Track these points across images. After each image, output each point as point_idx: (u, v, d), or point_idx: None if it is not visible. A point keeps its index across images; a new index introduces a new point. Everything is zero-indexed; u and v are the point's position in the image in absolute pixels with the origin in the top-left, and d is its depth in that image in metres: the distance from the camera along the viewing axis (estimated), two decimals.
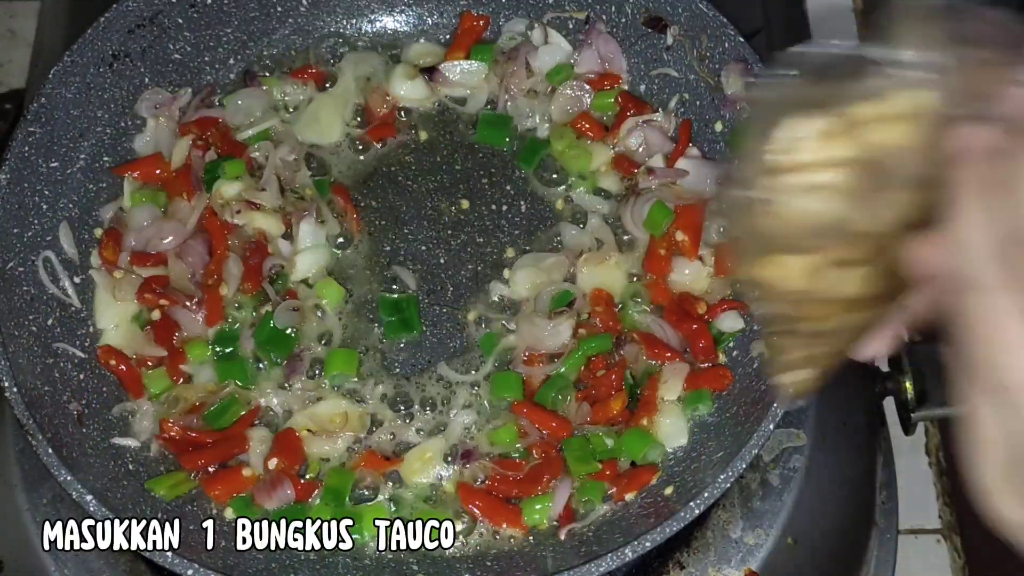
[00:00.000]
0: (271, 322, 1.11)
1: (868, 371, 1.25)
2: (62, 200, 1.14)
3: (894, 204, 0.69)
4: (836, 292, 0.73)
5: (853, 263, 0.71)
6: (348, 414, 1.09)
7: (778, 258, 0.72)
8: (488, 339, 1.13)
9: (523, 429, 1.08)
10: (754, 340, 1.09)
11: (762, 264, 0.73)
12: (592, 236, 1.19)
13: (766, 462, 1.14)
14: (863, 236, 0.70)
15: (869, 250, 0.71)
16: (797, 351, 0.80)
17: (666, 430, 1.08)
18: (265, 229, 1.17)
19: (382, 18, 1.31)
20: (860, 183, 0.68)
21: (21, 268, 1.09)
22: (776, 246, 0.72)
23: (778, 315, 0.77)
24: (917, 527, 1.47)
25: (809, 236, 0.70)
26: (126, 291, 1.12)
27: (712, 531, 1.11)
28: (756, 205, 0.70)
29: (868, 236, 0.70)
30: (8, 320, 1.04)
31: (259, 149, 1.21)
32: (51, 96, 1.12)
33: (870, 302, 0.74)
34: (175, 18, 1.21)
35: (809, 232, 0.70)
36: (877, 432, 1.24)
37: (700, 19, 1.17)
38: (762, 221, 0.71)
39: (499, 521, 1.04)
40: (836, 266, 0.71)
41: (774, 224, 0.70)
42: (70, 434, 1.02)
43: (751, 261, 0.73)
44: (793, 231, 0.70)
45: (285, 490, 1.04)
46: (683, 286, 1.15)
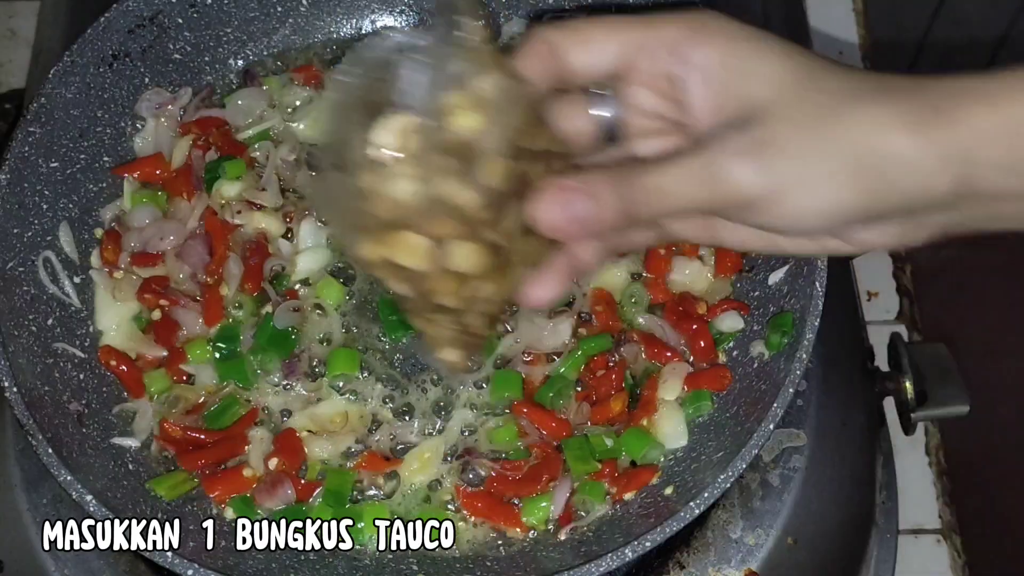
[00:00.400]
0: (272, 323, 1.11)
1: (868, 371, 1.25)
2: (62, 200, 1.14)
3: (490, 177, 0.76)
4: (454, 266, 0.79)
5: (463, 238, 0.78)
6: (349, 414, 1.10)
7: (390, 237, 0.78)
8: None
9: (523, 429, 1.08)
10: (754, 340, 1.10)
11: (375, 245, 0.79)
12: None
13: (766, 462, 1.14)
14: (465, 212, 0.76)
15: (476, 225, 0.77)
16: (441, 327, 0.86)
17: (666, 430, 1.08)
18: (266, 229, 1.17)
19: (382, 18, 1.31)
20: (451, 164, 0.75)
21: (21, 268, 1.09)
22: (385, 227, 0.78)
23: (407, 293, 0.83)
24: (917, 527, 1.47)
25: (413, 217, 0.76)
26: (126, 291, 1.13)
27: (712, 531, 1.11)
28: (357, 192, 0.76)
29: (470, 211, 0.76)
30: (8, 320, 1.04)
31: (259, 149, 1.21)
32: (51, 96, 1.12)
33: (490, 274, 0.81)
34: (175, 18, 1.21)
35: (412, 213, 0.76)
36: (877, 432, 1.24)
37: None
38: (366, 206, 0.76)
39: (499, 521, 1.04)
40: (447, 242, 0.78)
41: (378, 208, 0.76)
42: (70, 434, 1.02)
43: (363, 243, 0.79)
44: (397, 213, 0.76)
45: (285, 490, 1.04)
46: (683, 286, 1.15)
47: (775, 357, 1.05)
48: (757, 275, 1.13)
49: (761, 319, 1.10)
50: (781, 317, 1.07)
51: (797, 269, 1.08)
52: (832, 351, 1.21)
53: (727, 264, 1.14)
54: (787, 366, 1.01)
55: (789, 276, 1.09)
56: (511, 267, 0.83)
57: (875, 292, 1.70)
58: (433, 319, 0.86)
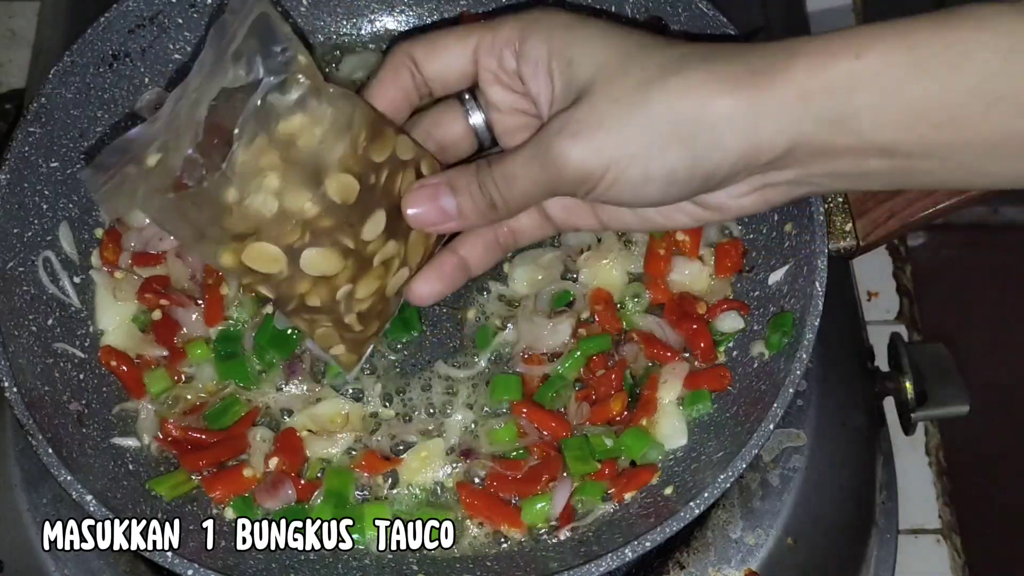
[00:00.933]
0: (272, 323, 1.11)
1: (868, 371, 1.25)
2: (62, 200, 1.14)
3: (332, 188, 0.84)
4: (308, 271, 0.87)
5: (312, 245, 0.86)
6: (349, 414, 1.10)
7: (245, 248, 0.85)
8: (483, 332, 1.13)
9: (523, 429, 1.08)
10: (754, 340, 1.10)
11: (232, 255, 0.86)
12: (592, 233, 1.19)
13: (766, 462, 1.14)
14: (310, 221, 0.84)
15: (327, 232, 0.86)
16: (320, 326, 0.94)
17: (666, 430, 1.08)
18: None
19: (382, 18, 1.31)
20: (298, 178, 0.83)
21: (21, 268, 1.09)
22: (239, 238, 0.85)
23: (275, 295, 0.91)
24: (917, 527, 1.47)
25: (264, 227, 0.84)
26: (126, 291, 1.13)
27: (712, 531, 1.11)
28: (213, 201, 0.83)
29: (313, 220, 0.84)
30: (8, 320, 1.04)
31: None
32: (51, 96, 1.12)
33: (351, 276, 0.89)
34: (175, 18, 1.21)
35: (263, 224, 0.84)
36: (877, 432, 1.24)
37: (700, 19, 1.17)
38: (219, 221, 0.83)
39: (499, 521, 1.04)
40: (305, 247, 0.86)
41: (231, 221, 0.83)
42: (70, 434, 1.02)
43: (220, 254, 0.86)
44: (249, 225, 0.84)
45: (286, 490, 1.04)
46: (683, 286, 1.15)
47: (775, 357, 1.05)
48: (757, 275, 1.13)
49: (761, 319, 1.10)
50: (781, 317, 1.07)
51: (797, 269, 1.08)
52: (832, 351, 1.21)
53: (727, 264, 1.14)
54: (787, 366, 1.01)
55: (789, 276, 1.09)
56: (380, 268, 0.90)
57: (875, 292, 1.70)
58: (310, 319, 0.94)
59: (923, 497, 1.48)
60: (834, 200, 1.12)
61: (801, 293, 1.05)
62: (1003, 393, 1.53)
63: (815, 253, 1.05)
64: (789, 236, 1.10)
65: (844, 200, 1.12)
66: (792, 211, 1.09)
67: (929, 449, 1.53)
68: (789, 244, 1.10)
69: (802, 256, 1.07)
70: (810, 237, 1.06)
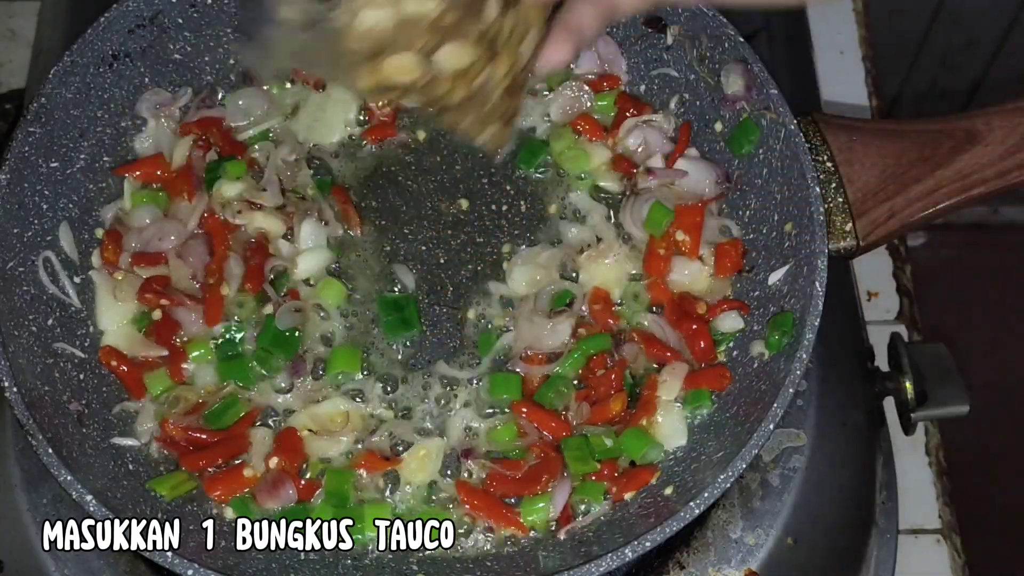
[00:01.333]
0: (274, 324, 1.11)
1: (868, 371, 1.25)
2: (62, 200, 1.14)
3: None
4: (446, 68, 0.88)
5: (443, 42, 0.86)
6: (349, 414, 1.10)
7: (379, 65, 0.86)
8: (485, 337, 1.13)
9: (522, 429, 1.08)
10: (754, 340, 1.10)
11: (369, 75, 0.87)
12: (593, 232, 1.19)
13: (766, 462, 1.14)
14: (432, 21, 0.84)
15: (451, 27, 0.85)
16: (466, 118, 0.95)
17: (665, 430, 1.08)
18: (266, 229, 1.17)
19: None
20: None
21: (21, 268, 1.09)
22: (371, 57, 0.86)
23: (420, 102, 0.92)
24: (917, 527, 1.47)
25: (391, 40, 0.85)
26: (127, 291, 1.13)
27: (712, 531, 1.11)
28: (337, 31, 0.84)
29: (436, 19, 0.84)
30: (8, 320, 1.04)
31: (260, 149, 1.21)
32: (51, 96, 1.12)
33: (488, 59, 0.90)
34: (175, 18, 1.21)
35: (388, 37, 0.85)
36: (877, 432, 1.24)
37: (700, 19, 1.17)
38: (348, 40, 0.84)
39: (499, 521, 1.04)
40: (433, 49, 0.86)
41: (357, 42, 0.85)
42: (70, 434, 1.02)
43: (358, 77, 0.88)
44: (375, 41, 0.85)
45: (286, 490, 1.04)
46: (683, 286, 1.15)
47: (775, 357, 1.05)
48: (757, 275, 1.13)
49: (761, 319, 1.10)
50: (781, 317, 1.07)
51: (797, 269, 1.08)
52: (832, 351, 1.21)
53: (727, 264, 1.14)
54: (787, 366, 1.01)
55: (789, 276, 1.09)
56: (508, 44, 0.91)
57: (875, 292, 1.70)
58: (461, 111, 0.94)
59: (923, 497, 1.48)
60: (834, 200, 1.12)
61: (801, 293, 1.05)
62: (1003, 393, 1.53)
63: (815, 253, 1.05)
64: (789, 236, 1.10)
65: (844, 200, 1.12)
66: (792, 211, 1.09)
67: (929, 449, 1.53)
68: (789, 244, 1.10)
69: (802, 256, 1.07)
70: (810, 237, 1.06)
